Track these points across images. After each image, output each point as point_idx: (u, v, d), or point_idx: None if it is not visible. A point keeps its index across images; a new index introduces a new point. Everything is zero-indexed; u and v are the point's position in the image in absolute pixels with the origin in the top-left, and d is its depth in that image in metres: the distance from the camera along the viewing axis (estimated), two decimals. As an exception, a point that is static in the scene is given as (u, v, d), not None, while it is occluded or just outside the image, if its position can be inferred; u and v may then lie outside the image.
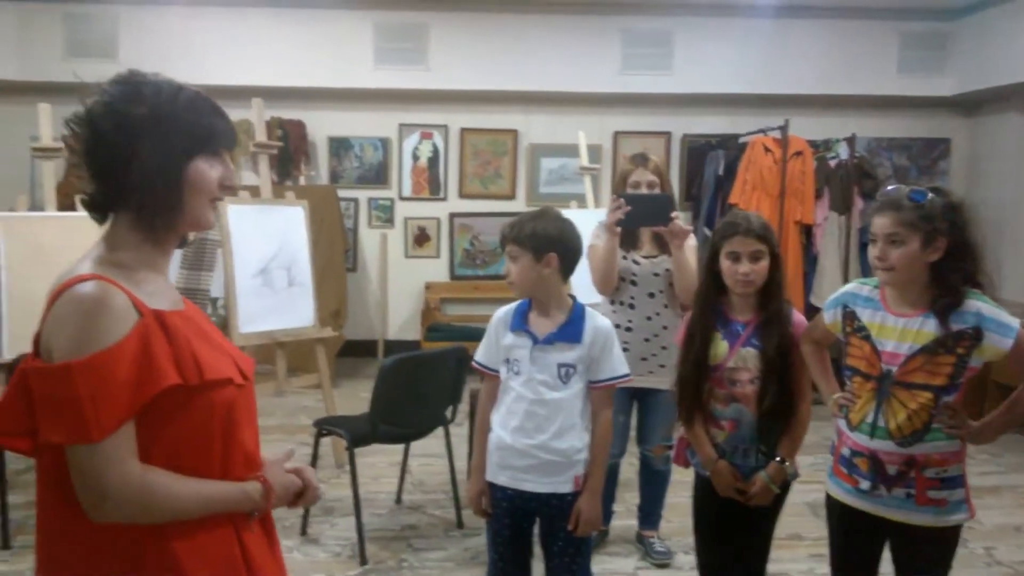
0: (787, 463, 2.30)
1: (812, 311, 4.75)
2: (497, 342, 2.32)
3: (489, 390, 2.37)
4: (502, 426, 2.28)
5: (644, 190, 3.17)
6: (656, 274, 3.18)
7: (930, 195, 1.98)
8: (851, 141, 6.03)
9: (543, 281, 2.26)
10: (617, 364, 2.30)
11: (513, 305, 2.36)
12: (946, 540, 2.06)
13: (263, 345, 4.15)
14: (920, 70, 6.59)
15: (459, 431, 3.95)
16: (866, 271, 6.12)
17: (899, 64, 6.57)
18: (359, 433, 3.39)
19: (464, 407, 3.84)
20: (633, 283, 3.21)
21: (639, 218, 3.04)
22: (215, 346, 1.37)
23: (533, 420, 2.23)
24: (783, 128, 5.75)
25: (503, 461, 2.27)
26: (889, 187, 2.07)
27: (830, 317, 2.22)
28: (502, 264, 2.37)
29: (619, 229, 3.06)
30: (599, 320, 2.31)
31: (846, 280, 5.93)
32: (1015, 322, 1.97)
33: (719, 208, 6.19)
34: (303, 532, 3.58)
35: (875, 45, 6.54)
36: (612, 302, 3.27)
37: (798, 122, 5.94)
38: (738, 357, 2.32)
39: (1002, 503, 4.02)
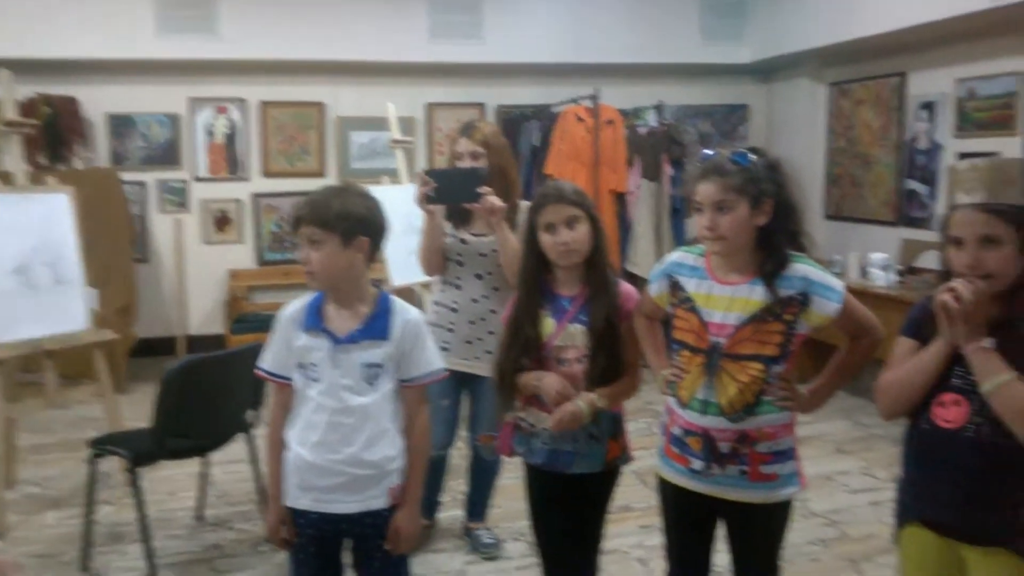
0: (601, 400, 2.13)
1: (629, 279, 4.75)
2: (287, 345, 2.02)
3: (281, 401, 2.06)
4: (300, 442, 1.99)
5: (467, 162, 2.91)
6: (483, 254, 2.95)
7: (752, 156, 1.88)
8: (659, 109, 6.10)
9: (351, 269, 1.98)
10: (431, 358, 2.07)
11: (303, 300, 2.05)
12: (779, 515, 2.01)
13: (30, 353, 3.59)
14: (720, 38, 6.75)
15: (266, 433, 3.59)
16: (679, 237, 6.26)
17: (701, 32, 6.70)
18: (143, 450, 2.97)
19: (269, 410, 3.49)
20: (459, 263, 2.99)
21: (448, 194, 2.81)
22: None
23: (338, 432, 1.95)
24: (594, 97, 5.71)
25: (304, 482, 1.98)
26: (706, 152, 1.96)
27: (656, 289, 2.10)
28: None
29: (431, 207, 2.83)
30: (408, 311, 2.06)
31: (660, 247, 6.02)
32: (841, 285, 1.91)
33: (536, 179, 6.09)
34: (83, 568, 3.11)
35: (678, 14, 6.62)
36: (441, 281, 3.07)
37: (608, 91, 5.92)
38: (565, 335, 2.16)
39: (813, 454, 4.18)
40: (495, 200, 2.76)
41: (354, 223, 1.95)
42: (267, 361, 2.06)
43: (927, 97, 5.80)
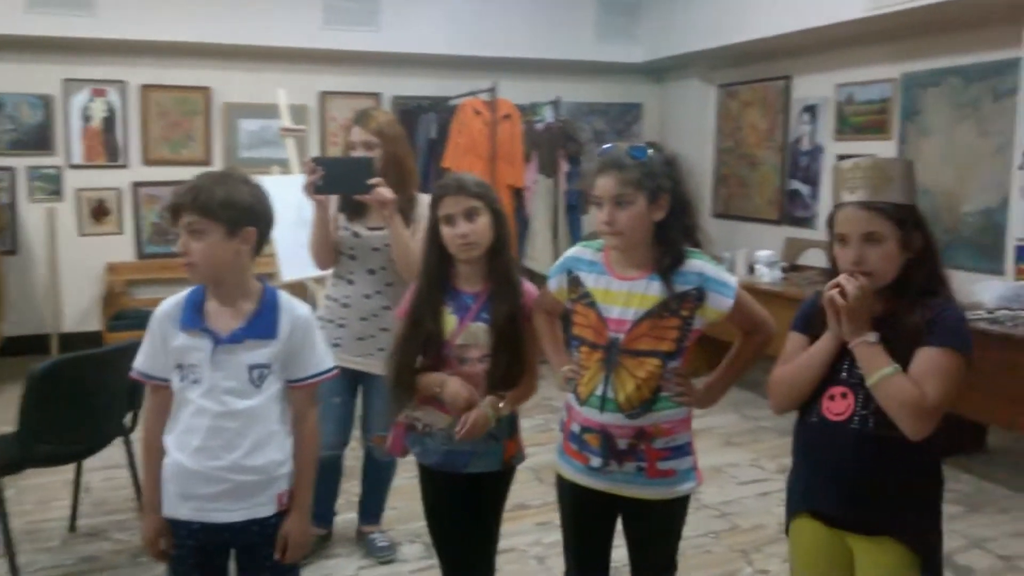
0: (503, 404, 2.11)
1: (526, 275, 4.75)
2: (164, 344, 1.88)
3: (157, 405, 1.92)
4: (180, 448, 1.86)
5: (360, 152, 2.79)
6: (376, 248, 2.84)
7: (650, 151, 1.88)
8: (556, 105, 6.12)
9: (236, 262, 1.86)
10: (321, 357, 1.98)
11: (180, 296, 1.92)
12: (677, 510, 2.02)
13: None
14: (615, 37, 6.84)
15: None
16: (575, 233, 6.32)
17: (596, 31, 6.77)
18: (8, 457, 2.74)
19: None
20: (352, 257, 2.88)
21: (337, 184, 2.69)
22: None
23: (221, 437, 1.84)
24: (492, 91, 5.68)
25: (185, 490, 1.86)
26: (604, 146, 1.94)
27: (555, 284, 2.08)
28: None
29: (319, 196, 2.72)
30: (297, 307, 1.96)
31: (556, 242, 6.05)
32: (734, 281, 1.94)
33: (433, 172, 6.01)
34: (-60, 588, 2.87)
35: (575, 11, 6.67)
36: (334, 275, 2.96)
37: (506, 85, 5.91)
38: (467, 333, 2.11)
39: (703, 446, 4.22)
40: (386, 192, 2.66)
41: (240, 212, 1.84)
42: (142, 362, 1.92)
43: (809, 101, 6.04)
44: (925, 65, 5.11)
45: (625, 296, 1.91)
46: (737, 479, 3.97)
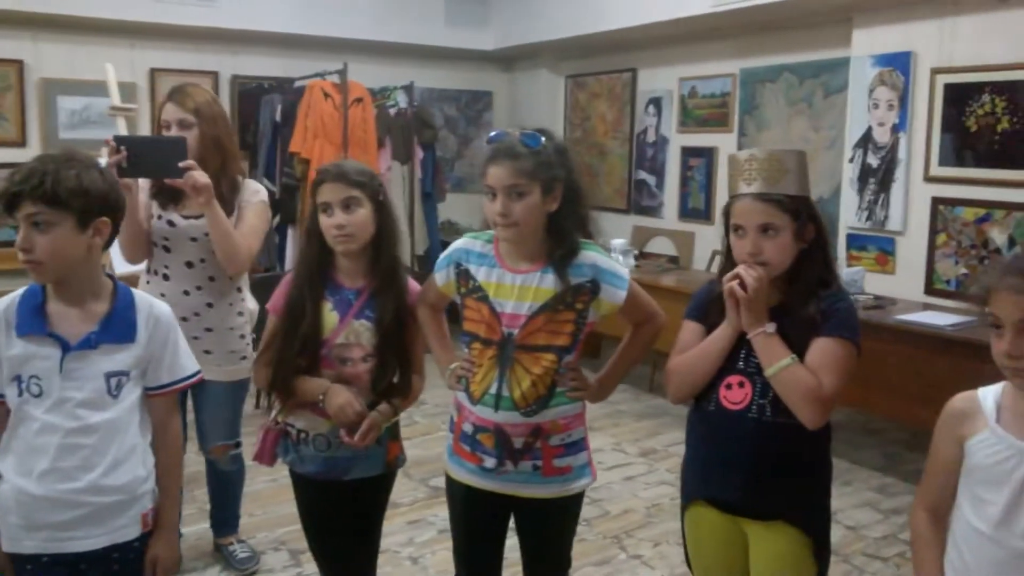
0: (398, 410, 2.04)
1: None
2: None
3: None
4: (22, 472, 1.62)
5: (175, 132, 2.52)
6: (194, 239, 2.57)
7: (542, 139, 1.82)
8: (409, 89, 5.98)
9: (88, 258, 1.65)
10: (184, 361, 1.81)
11: (11, 298, 1.67)
12: (572, 507, 1.98)
13: None
14: (465, 24, 6.75)
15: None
16: (431, 221, 6.22)
17: (446, 17, 6.66)
18: None
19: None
20: (166, 249, 2.61)
21: (145, 166, 2.42)
22: None
23: (74, 456, 1.62)
24: (342, 72, 5.46)
25: (31, 520, 1.62)
26: (496, 132, 1.87)
27: (442, 277, 1.98)
28: (11, 231, 1.65)
29: (125, 180, 2.37)
30: (156, 306, 1.77)
31: (412, 231, 5.93)
32: (626, 272, 1.92)
33: (279, 157, 5.72)
34: None
35: (425, -5, 6.55)
36: (148, 270, 2.67)
37: (356, 68, 5.70)
38: (349, 331, 1.97)
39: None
40: (200, 176, 2.39)
41: (92, 201, 1.62)
42: None
43: (655, 93, 6.23)
44: (762, 62, 5.38)
45: (519, 290, 1.85)
46: (602, 464, 4.02)
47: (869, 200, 4.65)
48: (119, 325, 1.69)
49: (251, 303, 2.82)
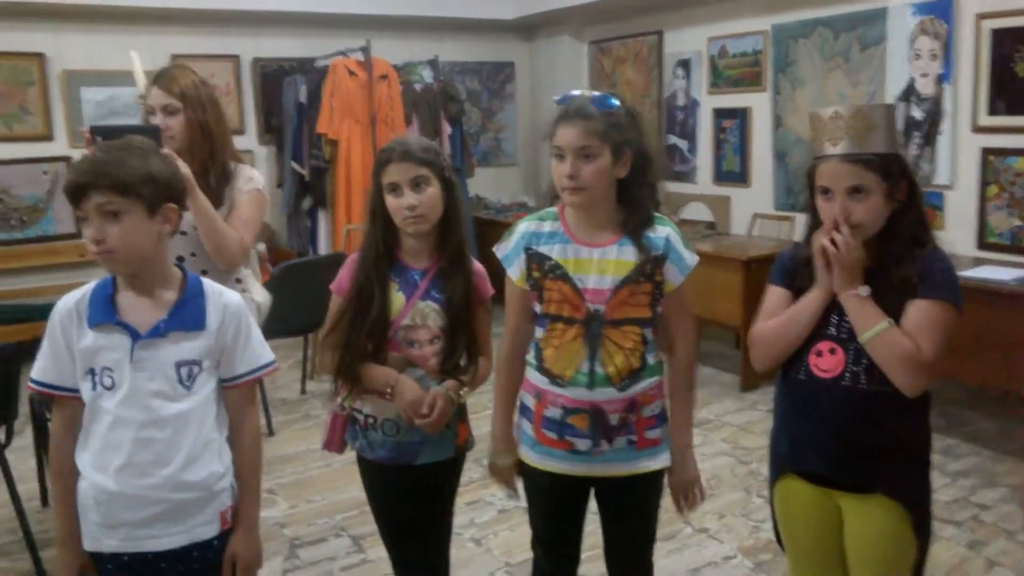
0: (465, 387, 1.96)
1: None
2: (67, 348, 1.60)
3: (65, 420, 1.64)
4: (99, 468, 1.59)
5: (160, 118, 2.34)
6: (183, 232, 2.26)
7: (615, 101, 1.74)
8: (434, 64, 5.88)
9: (158, 246, 1.62)
10: (259, 350, 1.75)
11: (83, 291, 1.63)
12: (658, 481, 1.91)
13: None
14: (485, -6, 6.64)
15: (22, 443, 3.00)
16: (463, 196, 6.13)
17: (466, -13, 6.55)
18: None
19: (25, 416, 2.91)
20: None
21: None
22: None
23: (149, 450, 1.58)
24: (365, 49, 5.37)
25: (110, 518, 1.59)
26: (568, 93, 1.79)
27: (516, 270, 1.86)
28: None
29: None
30: (226, 295, 1.71)
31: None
32: (693, 259, 1.82)
33: (305, 139, 5.66)
34: None
35: (443, -33, 6.42)
36: None
37: (378, 44, 5.61)
38: (415, 312, 1.91)
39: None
40: (180, 167, 2.08)
41: (160, 187, 1.59)
42: (42, 371, 1.62)
43: (683, 55, 6.09)
44: (794, 16, 5.23)
45: (598, 263, 1.77)
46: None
47: (914, 155, 4.52)
48: (188, 313, 1.64)
49: (259, 295, 2.67)
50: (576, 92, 1.78)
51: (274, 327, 3.93)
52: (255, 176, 2.47)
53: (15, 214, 5.51)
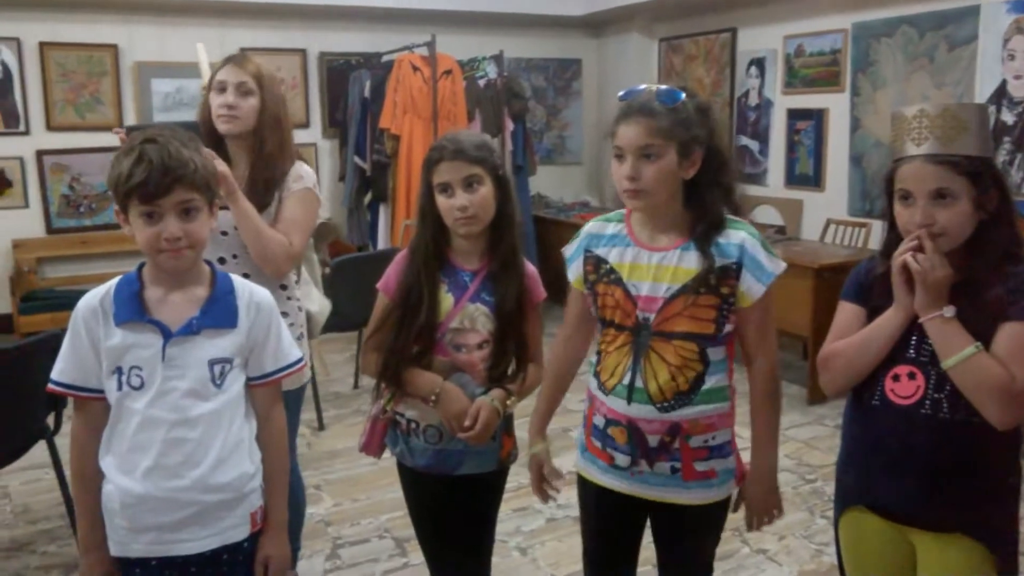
0: (512, 397, 1.85)
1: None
2: (92, 347, 1.54)
3: (89, 422, 1.58)
4: (125, 471, 1.53)
5: (232, 96, 2.18)
6: (224, 232, 2.17)
7: (683, 95, 1.61)
8: (499, 59, 5.80)
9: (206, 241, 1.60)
10: (287, 348, 1.68)
11: (107, 286, 1.58)
12: (716, 513, 1.76)
13: None
14: (553, -11, 6.53)
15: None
16: (522, 196, 6.04)
17: (534, -17, 6.45)
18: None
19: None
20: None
21: None
22: None
23: (180, 451, 1.53)
24: (430, 44, 5.32)
25: (138, 522, 1.53)
26: (633, 88, 1.66)
27: (574, 271, 1.79)
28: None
29: None
30: (256, 292, 1.66)
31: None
32: (777, 267, 1.64)
33: (368, 134, 5.64)
34: None
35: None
36: None
37: (444, 40, 5.55)
38: (464, 315, 1.82)
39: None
40: (219, 165, 1.97)
41: (213, 181, 1.59)
42: (64, 371, 1.56)
43: (757, 53, 5.89)
44: (877, 15, 4.99)
45: (655, 269, 1.65)
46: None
47: (1003, 161, 4.25)
48: (220, 309, 1.59)
49: (315, 304, 2.51)
50: (641, 87, 1.65)
51: (329, 321, 3.91)
52: (306, 173, 2.28)
53: (85, 202, 5.64)
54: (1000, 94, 4.27)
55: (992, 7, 4.27)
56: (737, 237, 1.64)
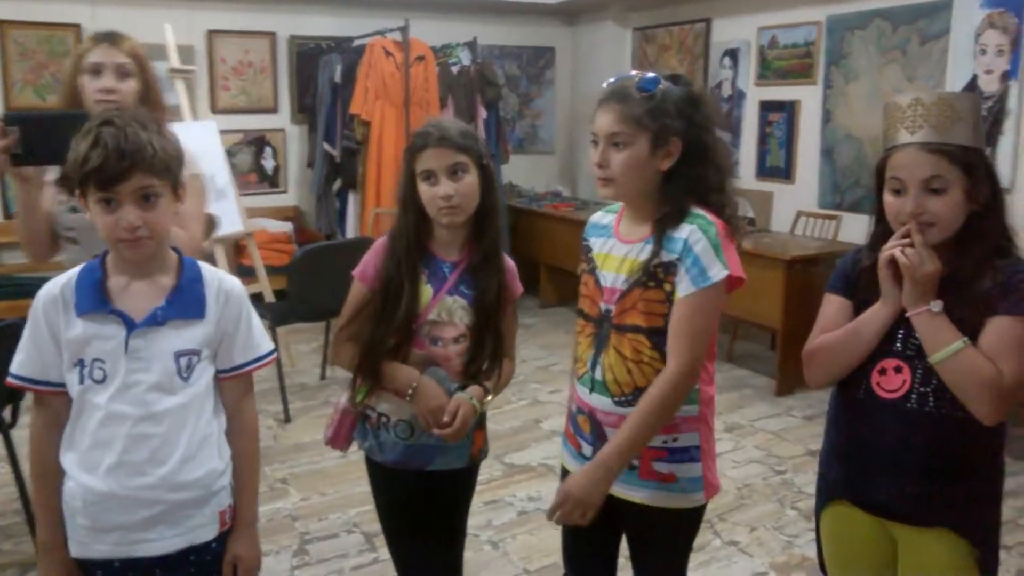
0: (490, 395, 1.80)
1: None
2: (52, 338, 1.47)
3: (49, 417, 1.51)
4: (88, 468, 1.47)
5: (109, 78, 2.02)
6: None
7: (663, 83, 1.57)
8: (472, 46, 5.72)
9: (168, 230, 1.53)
10: (258, 339, 1.62)
11: (69, 275, 1.50)
12: (682, 523, 1.71)
13: None
14: (527, -25, 6.46)
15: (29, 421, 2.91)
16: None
17: (508, -31, 6.38)
18: None
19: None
20: (73, 240, 2.06)
21: (43, 152, 1.83)
22: None
23: (144, 447, 1.46)
24: (404, 30, 5.23)
25: (100, 521, 1.46)
26: (630, 73, 1.62)
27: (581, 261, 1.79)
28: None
29: (20, 170, 1.88)
30: (225, 280, 1.59)
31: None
32: (718, 273, 1.52)
33: (338, 120, 5.54)
34: None
35: (484, -53, 6.25)
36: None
37: (417, 25, 5.46)
38: (442, 307, 1.76)
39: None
40: None
41: (175, 164, 1.49)
42: (22, 365, 1.49)
43: (731, 44, 5.87)
44: (851, 7, 4.99)
45: (621, 262, 1.63)
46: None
47: (973, 155, 4.28)
48: (187, 299, 1.52)
49: None
50: (632, 73, 1.61)
51: (296, 310, 3.84)
52: (188, 157, 2.04)
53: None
54: (971, 88, 4.29)
55: (965, 2, 4.29)
56: (684, 231, 1.55)
